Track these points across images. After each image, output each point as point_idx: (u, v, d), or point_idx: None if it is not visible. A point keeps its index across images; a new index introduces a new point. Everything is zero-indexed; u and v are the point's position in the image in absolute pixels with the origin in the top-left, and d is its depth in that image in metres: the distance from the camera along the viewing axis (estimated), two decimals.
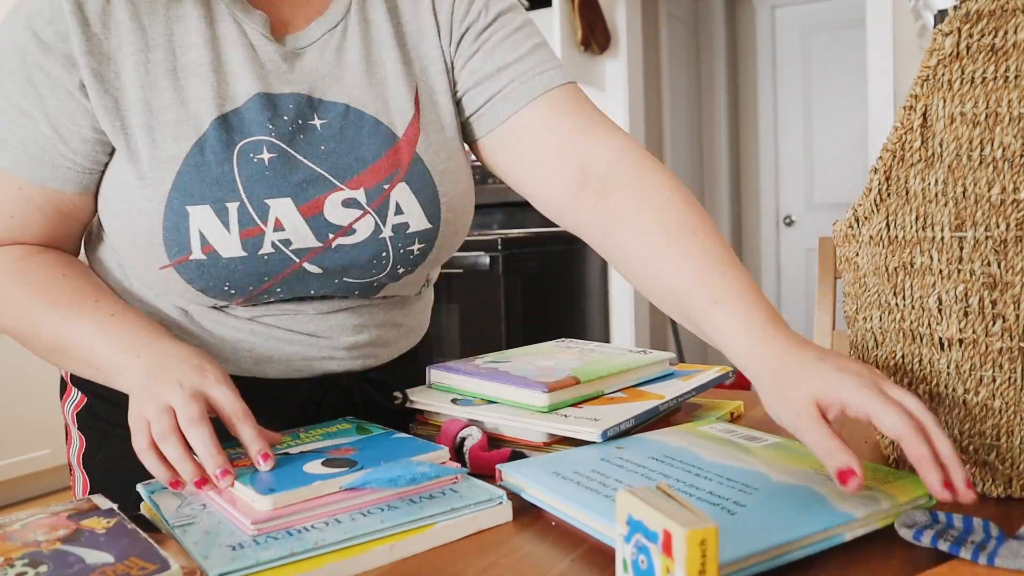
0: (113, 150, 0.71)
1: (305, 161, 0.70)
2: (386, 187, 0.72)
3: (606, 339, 3.20)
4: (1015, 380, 0.57)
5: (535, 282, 2.80)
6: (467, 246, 2.69)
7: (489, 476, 0.65)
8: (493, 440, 0.75)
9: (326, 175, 0.71)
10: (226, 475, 0.57)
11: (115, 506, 0.58)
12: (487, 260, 2.63)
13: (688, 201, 0.69)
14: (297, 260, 0.72)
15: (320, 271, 0.73)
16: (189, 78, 0.69)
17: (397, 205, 0.73)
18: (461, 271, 2.73)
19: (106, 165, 0.72)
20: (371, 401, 0.84)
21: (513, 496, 0.60)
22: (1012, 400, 0.57)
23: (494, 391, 0.77)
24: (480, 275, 2.68)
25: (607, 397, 0.77)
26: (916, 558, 0.50)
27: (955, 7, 0.57)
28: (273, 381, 0.79)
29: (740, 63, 4.29)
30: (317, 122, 0.71)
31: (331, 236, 0.72)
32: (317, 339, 0.79)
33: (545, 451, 0.72)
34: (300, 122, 0.71)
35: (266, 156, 0.69)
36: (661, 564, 0.39)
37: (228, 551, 0.50)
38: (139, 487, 0.64)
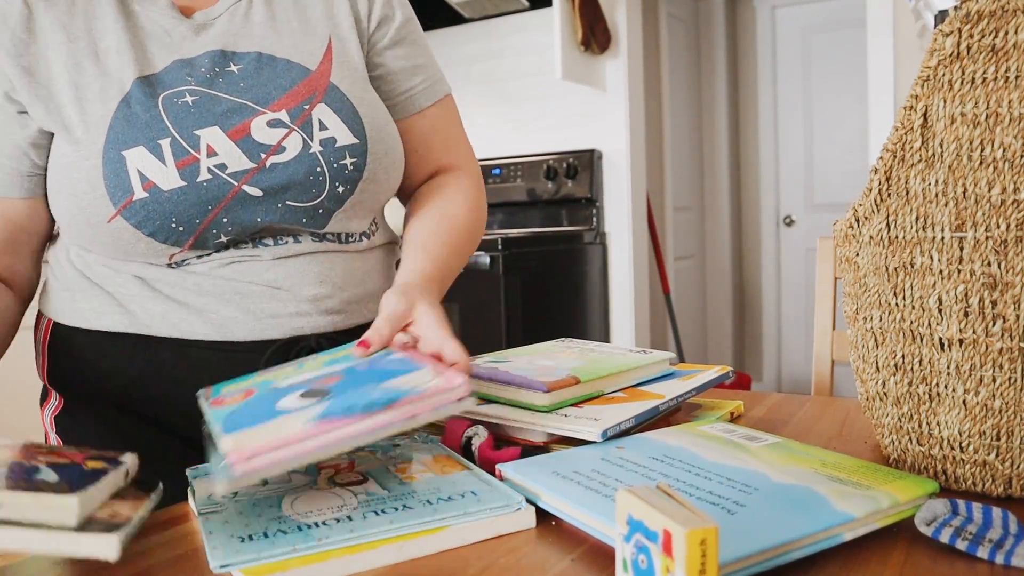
0: (50, 143, 0.76)
1: (227, 96, 0.77)
2: (306, 107, 0.78)
3: (606, 339, 3.20)
4: (1015, 380, 0.57)
5: (535, 282, 2.80)
6: None
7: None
8: (498, 439, 0.75)
9: (248, 103, 0.77)
10: None
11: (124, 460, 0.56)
12: (487, 260, 2.63)
13: (465, 204, 0.92)
14: (235, 183, 0.75)
15: (260, 193, 0.76)
16: (109, 55, 0.76)
17: (320, 122, 0.79)
18: (461, 270, 2.73)
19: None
20: None
21: None
22: (1012, 400, 0.57)
23: (494, 390, 0.77)
24: (480, 275, 2.68)
25: (607, 397, 0.77)
26: (916, 558, 0.50)
27: (955, 7, 0.57)
28: (242, 344, 0.79)
29: (740, 63, 4.28)
30: (234, 68, 0.79)
31: (263, 156, 0.76)
32: (278, 290, 0.79)
33: (545, 451, 0.72)
34: (217, 70, 0.78)
35: (189, 99, 0.75)
36: (661, 564, 0.39)
37: (237, 543, 0.51)
38: (187, 471, 0.65)
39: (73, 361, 0.81)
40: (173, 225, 0.74)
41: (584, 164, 3.09)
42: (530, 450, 0.72)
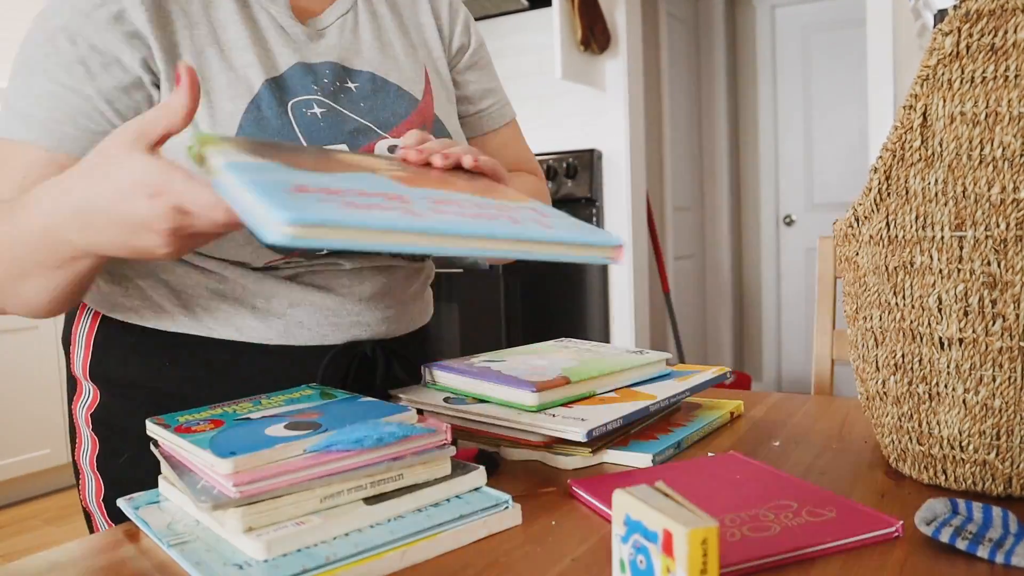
0: None
1: (351, 115, 0.78)
2: None
3: (606, 339, 3.19)
4: (1015, 380, 0.57)
5: (535, 282, 2.80)
6: None
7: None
8: (488, 439, 0.75)
9: (371, 126, 0.79)
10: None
11: None
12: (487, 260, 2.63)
13: (537, 181, 0.99)
14: None
15: None
16: (232, 50, 0.75)
17: None
18: (461, 271, 2.73)
19: None
20: (391, 373, 0.86)
21: (519, 499, 0.60)
22: (1012, 400, 0.57)
23: (485, 390, 0.77)
24: (480, 275, 2.68)
25: (599, 397, 0.77)
26: (916, 558, 0.50)
27: (955, 7, 0.57)
28: (301, 349, 0.80)
29: (740, 63, 4.28)
30: (351, 85, 0.80)
31: None
32: (345, 298, 0.82)
33: (546, 449, 0.72)
34: (338, 84, 0.79)
35: (317, 111, 0.76)
36: (661, 564, 0.39)
37: (235, 570, 0.49)
38: (121, 503, 0.62)
39: (121, 356, 0.80)
40: None
41: (584, 164, 3.09)
42: (487, 455, 0.71)
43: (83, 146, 0.70)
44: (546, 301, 2.87)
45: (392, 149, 0.78)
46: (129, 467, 0.79)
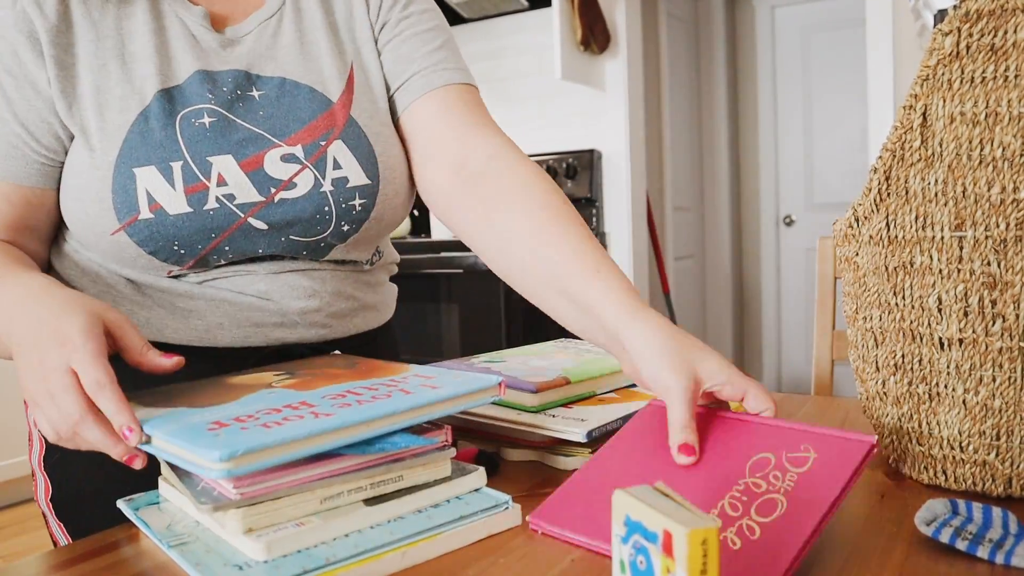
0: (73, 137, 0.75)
1: (244, 123, 0.75)
2: (323, 143, 0.76)
3: None
4: (1015, 380, 0.57)
5: None
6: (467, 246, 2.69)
7: None
8: (484, 438, 0.75)
9: (264, 134, 0.75)
10: (132, 431, 0.53)
11: None
12: None
13: (558, 192, 0.76)
14: (242, 215, 0.74)
15: (265, 227, 0.75)
16: (135, 62, 0.75)
17: (335, 160, 0.76)
18: (461, 271, 2.73)
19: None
20: None
21: (519, 499, 0.60)
22: (1012, 400, 0.57)
23: None
24: (480, 275, 2.68)
25: (599, 398, 0.77)
26: (916, 558, 0.50)
27: (955, 7, 0.57)
28: (225, 351, 0.79)
29: (740, 63, 4.28)
30: (255, 93, 0.77)
31: (273, 190, 0.75)
32: (267, 301, 0.78)
33: (546, 450, 0.72)
34: (239, 92, 0.76)
35: (207, 120, 0.74)
36: (661, 564, 0.39)
37: (235, 571, 0.49)
38: (121, 504, 0.62)
39: None
40: (175, 248, 0.73)
41: (584, 164, 3.09)
42: (487, 455, 0.71)
43: (3, 168, 0.73)
44: None
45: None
46: (70, 467, 0.78)
